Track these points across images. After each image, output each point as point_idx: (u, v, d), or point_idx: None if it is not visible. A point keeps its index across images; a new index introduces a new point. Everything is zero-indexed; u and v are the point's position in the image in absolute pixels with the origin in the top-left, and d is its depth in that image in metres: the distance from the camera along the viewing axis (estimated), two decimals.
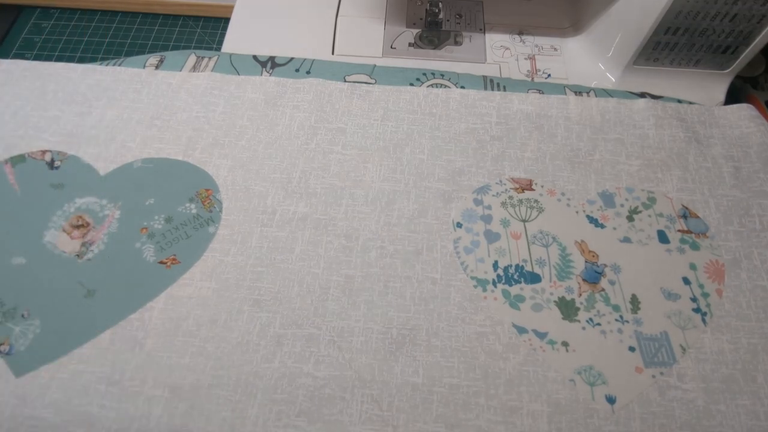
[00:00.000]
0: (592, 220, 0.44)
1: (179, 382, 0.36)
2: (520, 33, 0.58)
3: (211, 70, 0.50)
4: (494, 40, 0.57)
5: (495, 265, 0.41)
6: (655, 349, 0.38)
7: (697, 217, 0.44)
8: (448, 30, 0.58)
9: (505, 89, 0.50)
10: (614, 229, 0.43)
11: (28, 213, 0.42)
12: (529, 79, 0.54)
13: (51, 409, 0.35)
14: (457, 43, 0.57)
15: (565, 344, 0.38)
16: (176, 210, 0.42)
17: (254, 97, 0.48)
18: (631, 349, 0.38)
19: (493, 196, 0.44)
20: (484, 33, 0.58)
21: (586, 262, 0.42)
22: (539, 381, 0.37)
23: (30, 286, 0.39)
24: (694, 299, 0.40)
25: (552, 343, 0.38)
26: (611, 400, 0.37)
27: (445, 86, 0.50)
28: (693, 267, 0.42)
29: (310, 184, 0.44)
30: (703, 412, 0.36)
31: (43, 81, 0.49)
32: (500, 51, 0.56)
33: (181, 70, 0.50)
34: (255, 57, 0.52)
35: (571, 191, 0.45)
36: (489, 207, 0.44)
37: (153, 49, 0.61)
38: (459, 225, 0.43)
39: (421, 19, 0.58)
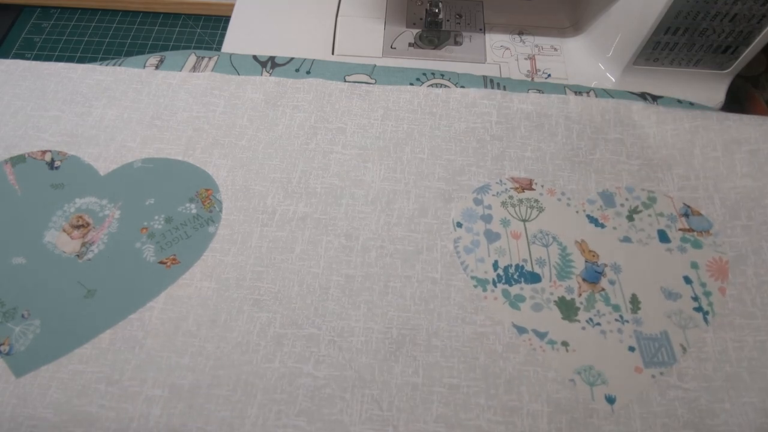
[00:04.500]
0: (592, 220, 0.43)
1: (178, 382, 0.36)
2: (520, 33, 0.58)
3: (211, 70, 0.50)
4: (494, 40, 0.57)
5: (495, 265, 0.41)
6: (654, 349, 0.38)
7: (700, 214, 0.43)
8: (448, 30, 0.58)
9: (505, 89, 0.50)
10: (614, 228, 0.43)
11: (28, 213, 0.42)
12: (529, 79, 0.54)
13: (51, 409, 0.35)
14: (457, 43, 0.57)
15: (565, 344, 0.38)
16: (176, 210, 0.42)
17: (254, 97, 0.48)
18: (631, 348, 0.38)
19: (494, 195, 0.44)
20: (484, 33, 0.58)
21: (586, 261, 0.42)
22: (539, 381, 0.37)
23: (30, 287, 0.39)
24: (695, 298, 0.40)
25: (552, 343, 0.38)
26: (611, 400, 0.36)
27: (445, 86, 0.50)
28: (694, 266, 0.41)
29: (310, 184, 0.44)
30: (706, 411, 0.36)
31: (43, 81, 0.49)
32: (500, 51, 0.56)
33: (181, 70, 0.50)
34: (255, 57, 0.52)
35: (571, 191, 0.45)
36: (489, 207, 0.44)
37: (153, 49, 0.61)
38: (459, 225, 0.43)
39: (421, 19, 0.58)
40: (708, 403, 0.36)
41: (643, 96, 0.50)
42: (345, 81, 0.50)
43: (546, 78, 0.54)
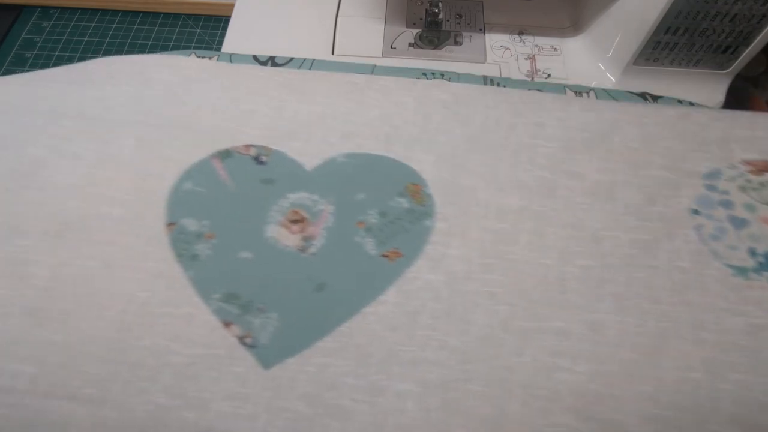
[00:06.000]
0: None
1: (427, 377, 0.34)
2: (520, 33, 0.58)
3: None
4: (494, 40, 0.57)
5: (752, 252, 0.37)
6: None
7: None
8: (448, 30, 0.58)
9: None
10: None
11: (245, 208, 0.41)
12: (529, 79, 0.54)
13: (303, 401, 0.33)
14: (457, 43, 0.57)
15: None
16: (388, 204, 0.41)
17: (443, 97, 0.46)
18: None
19: (727, 180, 0.40)
20: (484, 33, 0.58)
21: None
22: None
23: (260, 281, 0.38)
24: None
25: None
26: None
27: None
28: None
29: (519, 177, 0.42)
30: None
31: (231, 79, 0.46)
32: (500, 51, 0.56)
33: None
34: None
35: None
36: (726, 192, 0.40)
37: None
38: (696, 212, 0.39)
39: (421, 19, 0.58)
40: None
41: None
42: None
43: (546, 78, 0.54)
